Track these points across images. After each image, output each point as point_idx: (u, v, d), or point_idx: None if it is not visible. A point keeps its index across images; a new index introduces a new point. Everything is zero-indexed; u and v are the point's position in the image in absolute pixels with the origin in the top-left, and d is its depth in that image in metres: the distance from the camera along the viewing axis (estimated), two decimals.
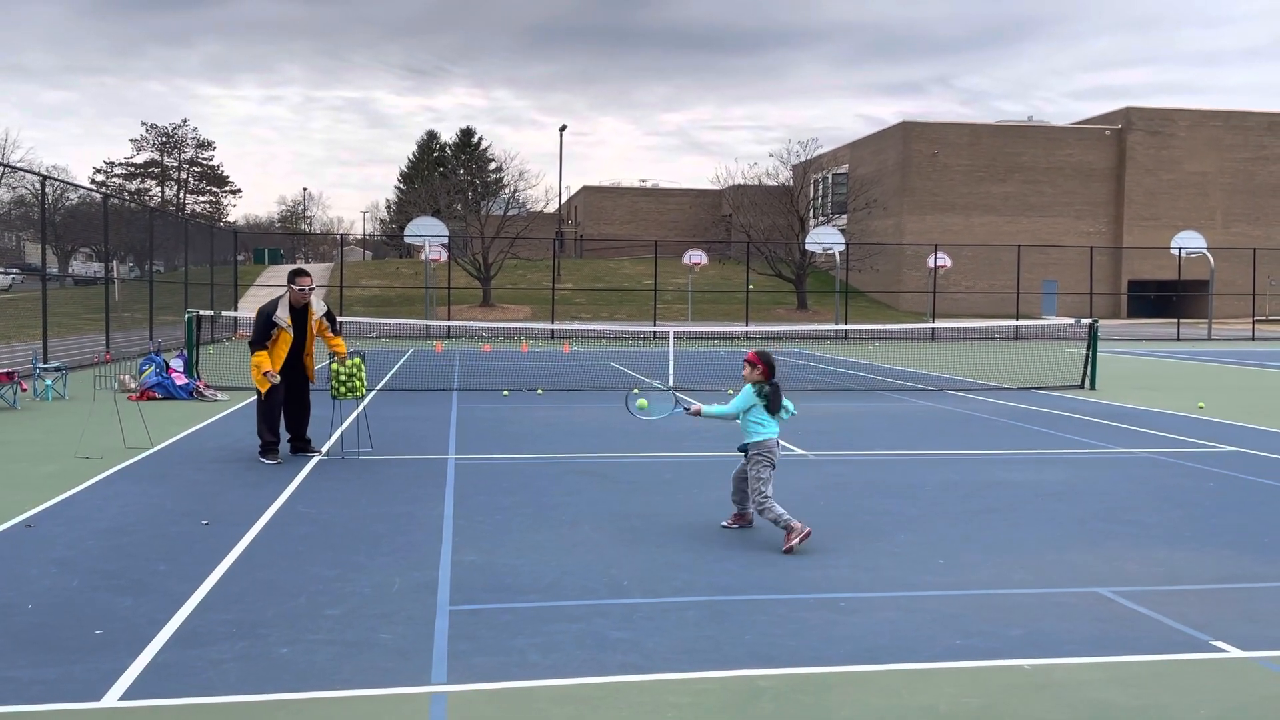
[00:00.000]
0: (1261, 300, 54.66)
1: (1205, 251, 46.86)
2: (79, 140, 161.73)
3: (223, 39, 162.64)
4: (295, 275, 11.06)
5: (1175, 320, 46.12)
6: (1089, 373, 19.54)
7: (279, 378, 10.79)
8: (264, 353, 10.73)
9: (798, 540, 7.27)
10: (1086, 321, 21.00)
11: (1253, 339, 41.54)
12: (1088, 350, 19.98)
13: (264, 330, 10.76)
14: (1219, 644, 5.43)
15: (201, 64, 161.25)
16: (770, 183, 64.96)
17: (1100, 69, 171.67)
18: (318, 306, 11.14)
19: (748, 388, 7.73)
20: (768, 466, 7.61)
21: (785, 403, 7.75)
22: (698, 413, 7.99)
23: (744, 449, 7.80)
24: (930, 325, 31.05)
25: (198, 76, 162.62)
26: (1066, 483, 9.99)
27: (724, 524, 7.99)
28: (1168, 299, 55.75)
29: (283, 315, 10.79)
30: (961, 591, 6.38)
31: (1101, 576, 6.71)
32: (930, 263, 46.54)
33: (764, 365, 7.73)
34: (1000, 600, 6.21)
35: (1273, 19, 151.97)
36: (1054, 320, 37.77)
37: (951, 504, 8.98)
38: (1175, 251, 47.18)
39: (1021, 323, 30.38)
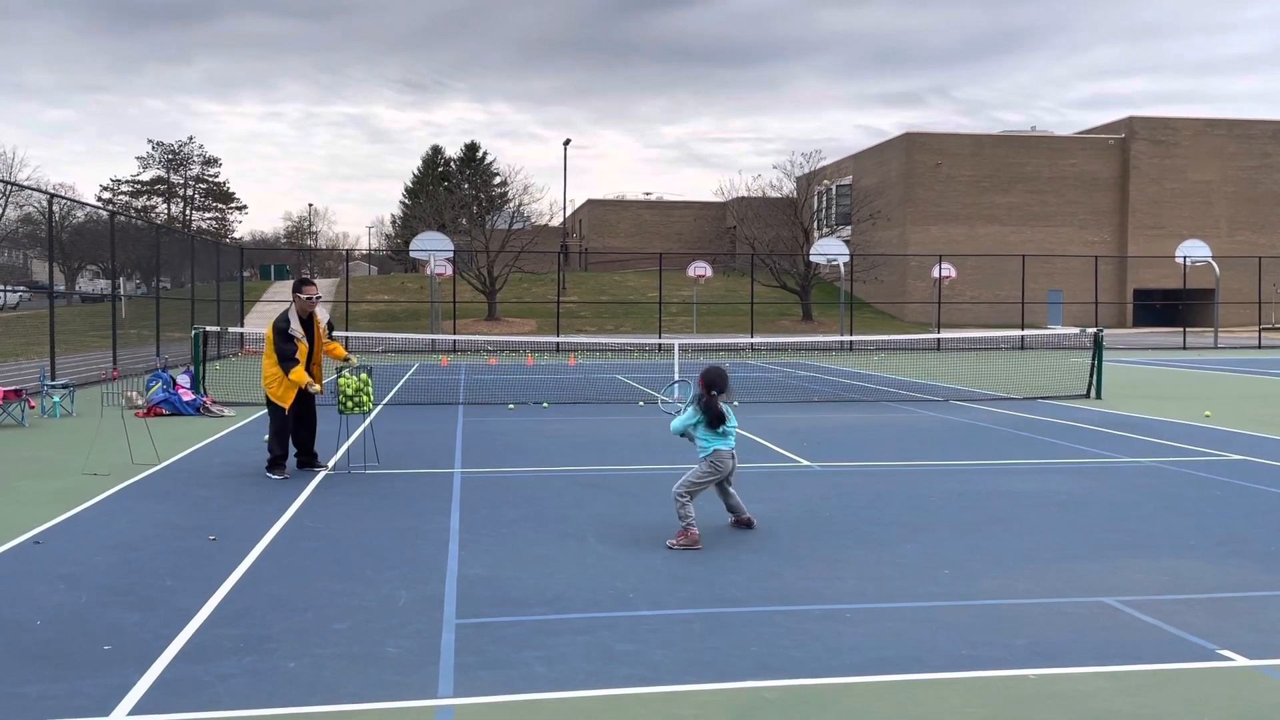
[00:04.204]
0: (1268, 308, 54.56)
1: (1210, 260, 46.82)
2: (80, 158, 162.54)
3: (222, 55, 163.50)
4: (301, 284, 11.05)
5: (1181, 329, 46.05)
6: (1094, 382, 19.51)
7: (319, 387, 10.84)
8: (298, 367, 10.63)
9: (682, 545, 7.54)
10: (1092, 331, 20.96)
11: (1259, 347, 41.45)
12: (1093, 359, 19.95)
13: (290, 344, 10.69)
14: (1225, 653, 5.43)
15: (201, 80, 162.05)
16: (774, 195, 65.05)
17: (1099, 78, 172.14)
18: (321, 315, 11.16)
19: (690, 405, 7.99)
20: (709, 475, 7.88)
21: (726, 411, 7.89)
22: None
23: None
24: (935, 336, 31.01)
25: (198, 93, 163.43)
26: (1072, 492, 9.98)
27: (728, 524, 8.25)
28: (1173, 308, 55.73)
29: (297, 327, 10.79)
30: (967, 602, 6.38)
31: (1107, 586, 6.71)
32: (935, 273, 46.55)
33: (702, 381, 7.93)
34: (1006, 610, 6.21)
35: (1269, 28, 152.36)
36: (1059, 330, 37.71)
37: (957, 514, 8.98)
38: (1180, 260, 47.15)
39: (1027, 332, 30.29)
